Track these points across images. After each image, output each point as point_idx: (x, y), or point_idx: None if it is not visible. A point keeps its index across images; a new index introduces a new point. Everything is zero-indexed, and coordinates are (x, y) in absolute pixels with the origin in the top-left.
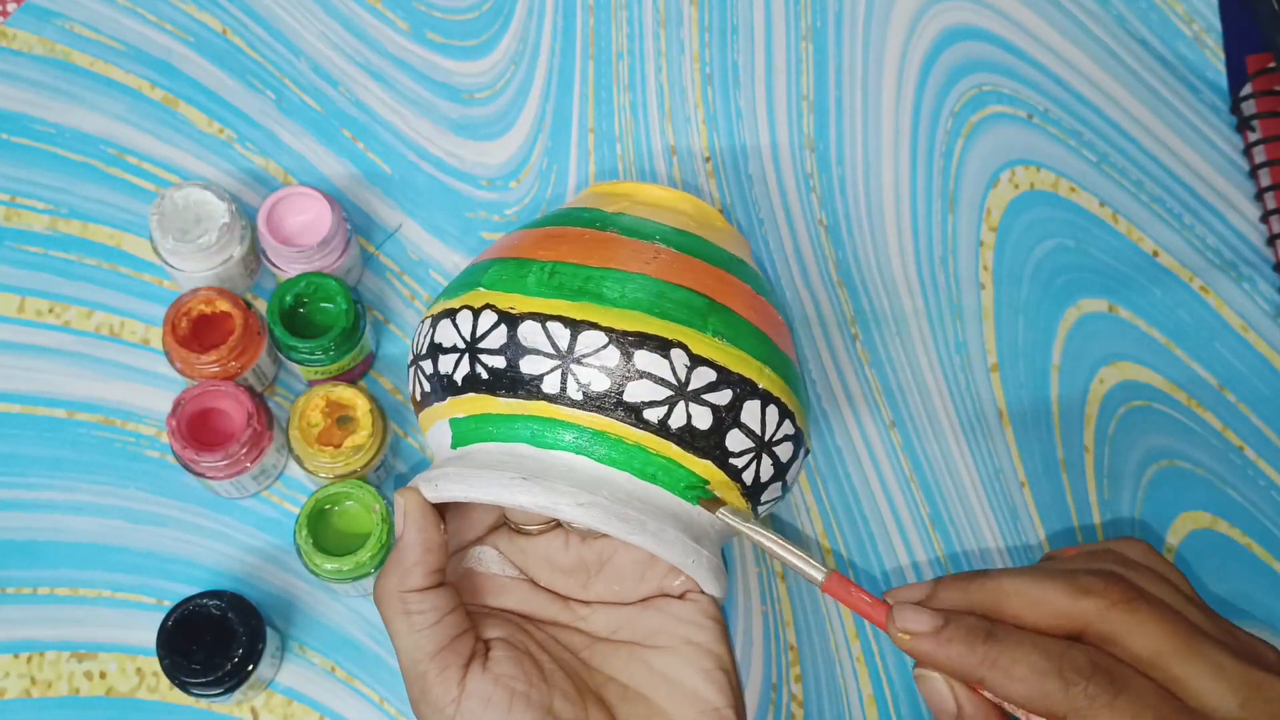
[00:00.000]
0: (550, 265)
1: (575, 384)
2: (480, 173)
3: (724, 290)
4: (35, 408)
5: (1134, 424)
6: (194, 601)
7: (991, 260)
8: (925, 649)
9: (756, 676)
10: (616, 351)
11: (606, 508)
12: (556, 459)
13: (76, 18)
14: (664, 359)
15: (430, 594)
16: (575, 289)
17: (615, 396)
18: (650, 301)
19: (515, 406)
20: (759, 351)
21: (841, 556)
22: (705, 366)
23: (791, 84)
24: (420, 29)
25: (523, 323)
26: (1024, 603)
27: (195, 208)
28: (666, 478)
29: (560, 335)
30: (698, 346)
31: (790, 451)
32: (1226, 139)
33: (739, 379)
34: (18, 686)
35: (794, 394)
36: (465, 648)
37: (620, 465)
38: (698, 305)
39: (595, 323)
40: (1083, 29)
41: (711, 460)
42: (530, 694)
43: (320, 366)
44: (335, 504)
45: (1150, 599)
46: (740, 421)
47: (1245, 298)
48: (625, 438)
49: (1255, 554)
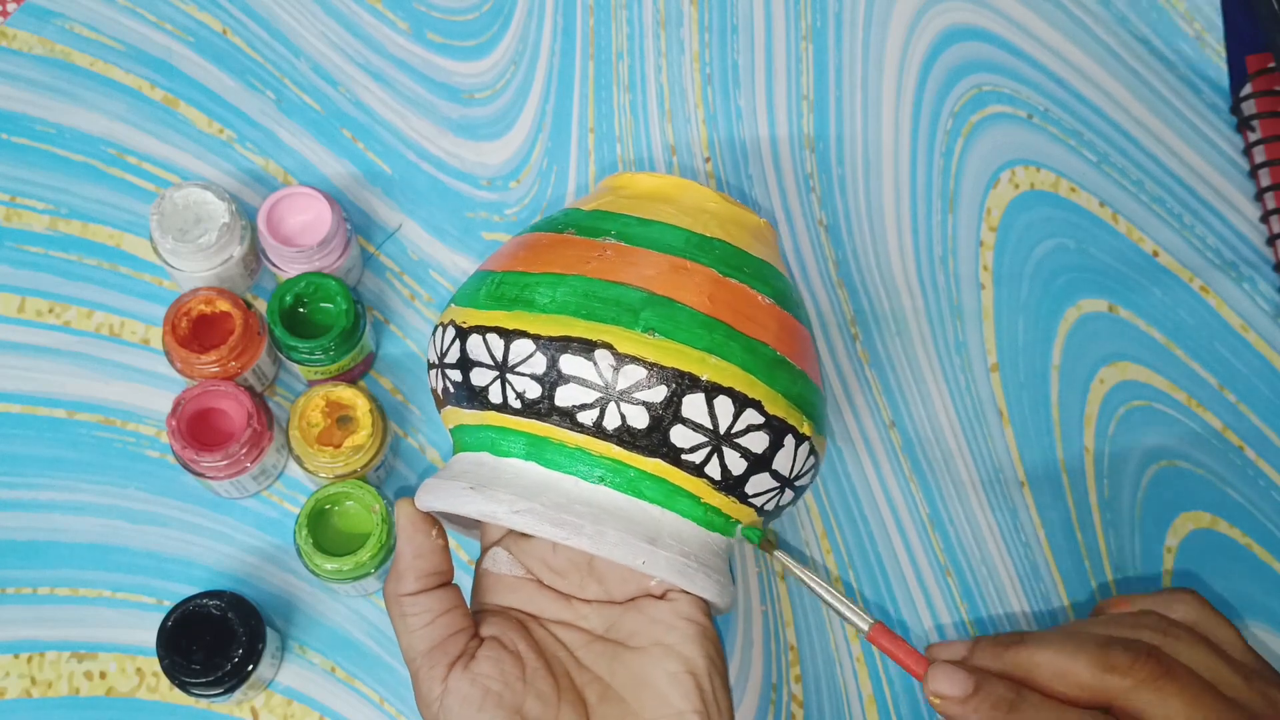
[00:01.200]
0: (499, 276)
1: (513, 393)
2: (480, 173)
3: (673, 281)
4: (35, 408)
5: (1134, 424)
6: (194, 601)
7: (991, 260)
8: (953, 712)
9: (756, 676)
10: (543, 358)
11: (541, 513)
12: (509, 467)
13: (76, 18)
14: (588, 361)
15: (423, 597)
16: (512, 298)
17: (548, 403)
18: (578, 304)
19: (475, 417)
20: (703, 342)
21: (842, 557)
22: (633, 364)
23: (791, 84)
24: (420, 29)
25: (470, 337)
26: (1052, 674)
27: (195, 208)
28: (616, 479)
29: (496, 346)
30: (624, 345)
31: (765, 442)
32: (1226, 139)
33: (673, 374)
34: (18, 686)
35: (762, 382)
36: (456, 647)
37: (565, 469)
38: (629, 301)
39: (524, 331)
40: (1083, 29)
41: (661, 458)
42: (503, 693)
43: (320, 366)
44: (335, 504)
45: (1180, 675)
46: (683, 416)
47: (1245, 298)
48: (566, 443)
49: (1255, 554)
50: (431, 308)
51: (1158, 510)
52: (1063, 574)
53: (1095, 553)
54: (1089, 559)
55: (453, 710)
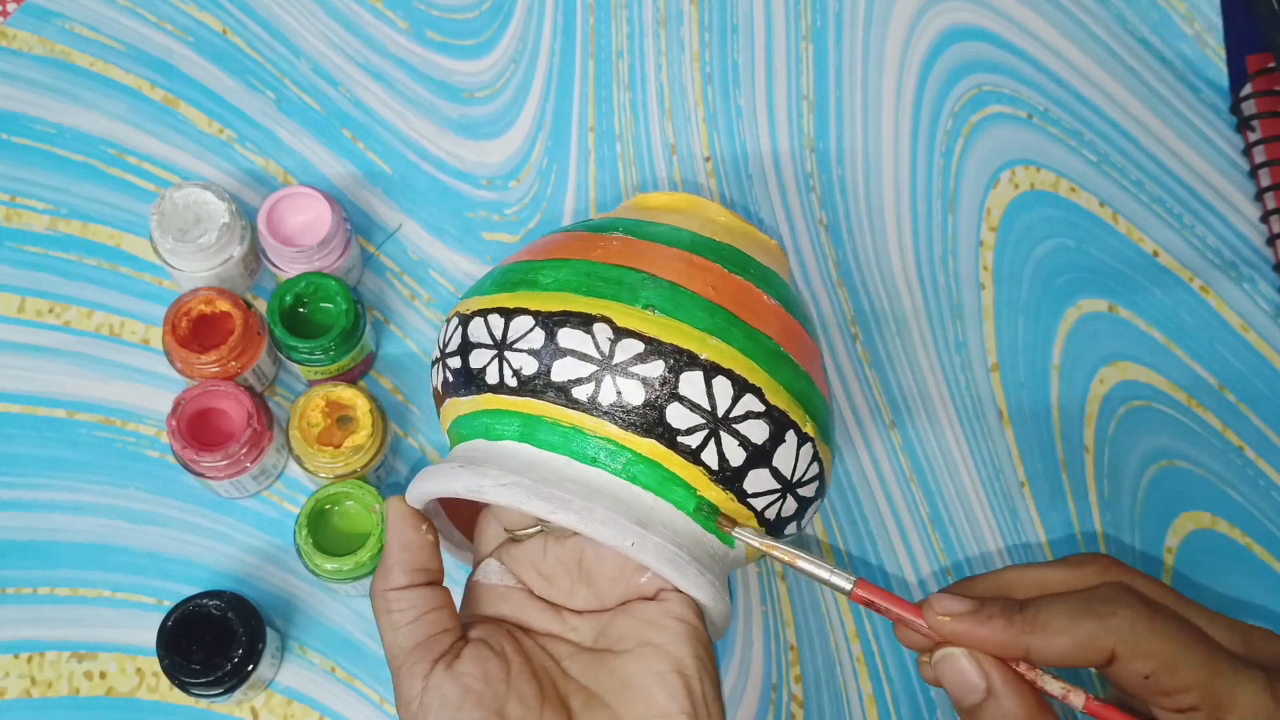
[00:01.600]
0: (507, 268)
1: (509, 370)
2: (480, 172)
3: (677, 269)
4: (35, 408)
5: (1134, 424)
6: (194, 601)
7: (991, 260)
8: (966, 629)
9: (756, 676)
10: (542, 332)
11: (529, 487)
12: (500, 449)
13: (76, 18)
14: (586, 334)
15: (409, 593)
16: (515, 281)
17: (544, 378)
18: (579, 281)
19: (471, 404)
20: (704, 324)
21: (841, 556)
22: (631, 338)
23: (791, 84)
24: (420, 28)
25: (472, 320)
26: (1029, 586)
27: (195, 208)
28: (609, 461)
29: (496, 325)
30: (623, 319)
31: (765, 432)
32: (1226, 139)
33: (671, 349)
34: (18, 686)
35: (763, 369)
36: (439, 646)
37: (558, 449)
38: (631, 281)
39: (525, 308)
40: (1083, 29)
41: (656, 439)
42: (484, 693)
43: (320, 366)
44: (335, 504)
45: (1134, 569)
46: (680, 394)
47: (1245, 298)
48: (560, 420)
49: (1255, 554)
50: (431, 308)
51: (1158, 510)
52: None
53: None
54: None
55: (431, 708)
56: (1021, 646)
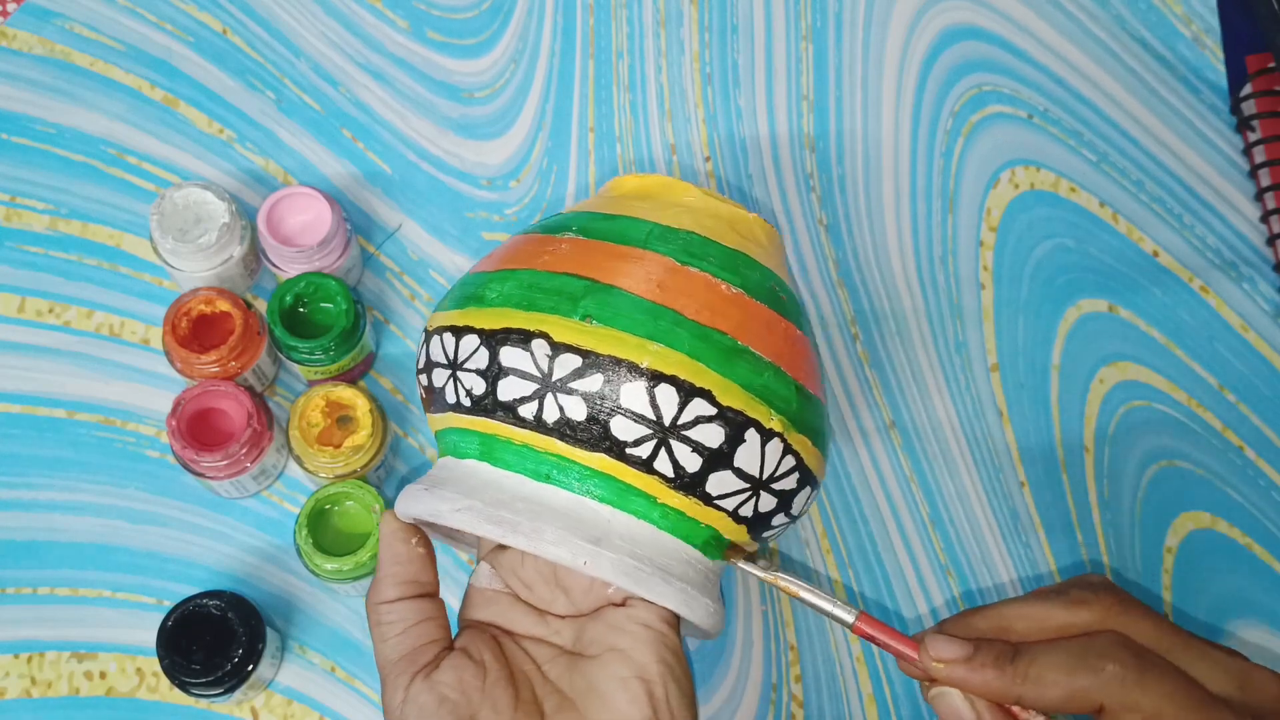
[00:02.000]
0: (465, 280)
1: (462, 390)
2: (480, 172)
3: (620, 269)
4: (35, 408)
5: (1134, 424)
6: (194, 601)
7: (991, 260)
8: (960, 675)
9: (756, 676)
10: (486, 352)
11: (480, 510)
12: (464, 468)
13: (76, 18)
14: (525, 351)
15: (400, 605)
16: (466, 297)
17: (492, 398)
18: (520, 295)
19: (441, 420)
20: (646, 329)
21: (841, 557)
22: (568, 353)
23: (791, 84)
24: (420, 28)
25: (432, 339)
26: (1029, 624)
27: (195, 208)
28: (562, 477)
29: (449, 345)
30: (560, 334)
31: (719, 435)
32: (1226, 139)
33: (609, 360)
34: (18, 686)
35: (713, 370)
36: (424, 657)
37: (514, 468)
38: (571, 290)
39: (471, 326)
40: (1082, 29)
41: (605, 453)
42: (459, 702)
43: (320, 366)
44: (335, 504)
45: (1137, 602)
46: (622, 406)
47: (1245, 298)
48: (513, 439)
49: (1255, 554)
50: (431, 308)
51: (1158, 510)
52: (1063, 574)
53: (1095, 553)
54: (1089, 559)
55: (410, 718)
56: (1013, 695)
